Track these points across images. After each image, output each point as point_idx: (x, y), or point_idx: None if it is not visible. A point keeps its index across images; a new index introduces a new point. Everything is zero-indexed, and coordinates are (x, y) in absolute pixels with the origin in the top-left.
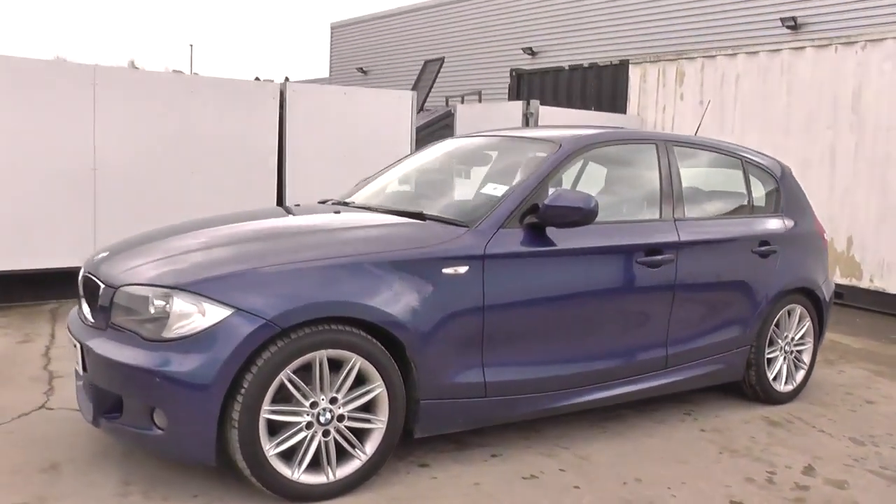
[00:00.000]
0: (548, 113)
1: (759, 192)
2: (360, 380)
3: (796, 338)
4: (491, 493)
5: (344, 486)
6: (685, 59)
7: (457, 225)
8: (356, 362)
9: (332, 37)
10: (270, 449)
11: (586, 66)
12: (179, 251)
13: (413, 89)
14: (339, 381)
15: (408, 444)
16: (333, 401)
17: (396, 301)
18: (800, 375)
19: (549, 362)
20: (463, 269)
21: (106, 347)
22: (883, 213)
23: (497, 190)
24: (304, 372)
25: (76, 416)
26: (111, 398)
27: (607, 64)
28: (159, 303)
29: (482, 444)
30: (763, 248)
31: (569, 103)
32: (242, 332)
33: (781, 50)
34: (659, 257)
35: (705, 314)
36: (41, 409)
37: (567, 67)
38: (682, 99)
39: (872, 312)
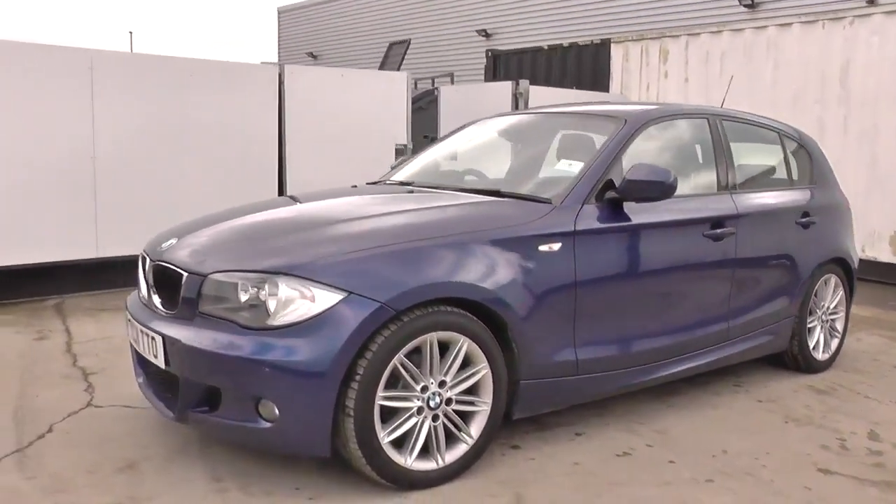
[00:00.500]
0: (537, 93)
1: (795, 164)
2: (465, 362)
3: (831, 307)
4: (593, 471)
5: (453, 471)
6: (669, 37)
7: (539, 202)
8: (463, 344)
9: (279, 21)
10: (384, 436)
11: (566, 45)
12: (265, 234)
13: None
14: (448, 363)
15: None
16: (442, 384)
17: (500, 280)
18: (834, 344)
19: (633, 338)
20: (556, 246)
21: (198, 338)
22: (872, 185)
23: (573, 166)
24: (412, 356)
25: (132, 413)
26: (201, 391)
27: (588, 43)
28: (257, 289)
29: (561, 424)
30: (805, 220)
31: (548, 83)
32: (357, 316)
33: (767, 27)
34: (721, 230)
35: (759, 286)
36: (89, 408)
37: (546, 47)
38: (667, 77)
39: (866, 281)
